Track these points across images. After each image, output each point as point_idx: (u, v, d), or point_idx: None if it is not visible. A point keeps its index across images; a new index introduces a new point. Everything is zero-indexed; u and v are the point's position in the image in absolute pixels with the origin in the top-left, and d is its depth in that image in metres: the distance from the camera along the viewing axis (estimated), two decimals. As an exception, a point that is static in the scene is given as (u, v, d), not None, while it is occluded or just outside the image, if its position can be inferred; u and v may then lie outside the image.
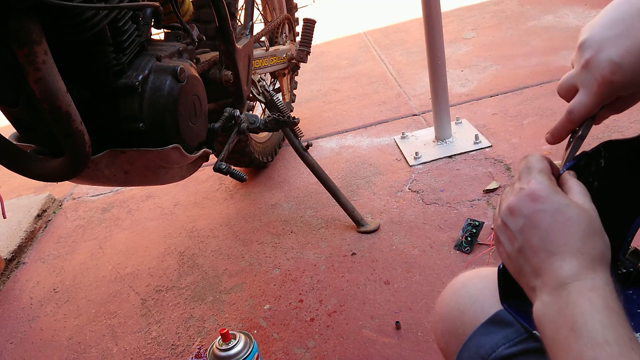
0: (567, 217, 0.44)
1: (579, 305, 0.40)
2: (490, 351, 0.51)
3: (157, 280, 1.57)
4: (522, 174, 0.49)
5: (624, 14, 0.46)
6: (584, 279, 0.41)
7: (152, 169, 1.09)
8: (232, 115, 1.32)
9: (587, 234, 0.44)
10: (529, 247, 0.45)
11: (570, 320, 0.40)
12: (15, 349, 1.45)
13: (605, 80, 0.47)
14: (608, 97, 0.49)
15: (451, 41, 2.70)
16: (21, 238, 1.89)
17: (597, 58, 0.47)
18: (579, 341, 0.38)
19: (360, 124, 2.17)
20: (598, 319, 0.39)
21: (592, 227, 0.44)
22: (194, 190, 2.01)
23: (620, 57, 0.46)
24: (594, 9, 2.62)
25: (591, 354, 0.37)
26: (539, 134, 1.77)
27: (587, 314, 0.39)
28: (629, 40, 0.45)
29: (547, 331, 0.42)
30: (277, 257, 1.54)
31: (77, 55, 0.94)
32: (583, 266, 0.42)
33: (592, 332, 0.38)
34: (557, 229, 0.44)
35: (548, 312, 0.42)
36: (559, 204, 0.45)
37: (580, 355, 0.38)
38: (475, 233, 1.37)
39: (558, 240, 0.44)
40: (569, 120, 0.52)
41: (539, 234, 0.45)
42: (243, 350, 1.03)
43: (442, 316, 0.61)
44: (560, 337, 0.40)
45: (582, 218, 0.44)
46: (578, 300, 0.40)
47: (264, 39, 1.87)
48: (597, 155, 0.51)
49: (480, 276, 0.60)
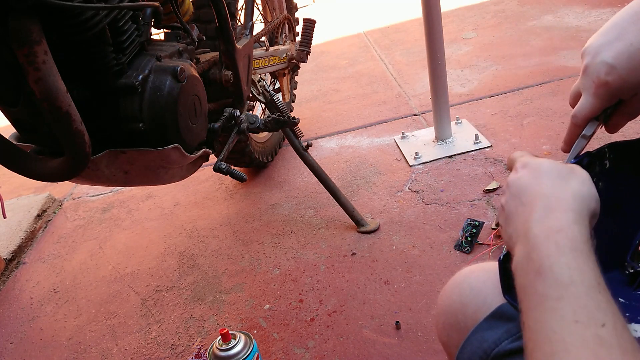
0: (539, 170, 0.46)
1: (545, 248, 0.39)
2: (494, 345, 0.51)
3: (157, 280, 1.57)
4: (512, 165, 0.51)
5: (619, 19, 0.50)
6: (548, 220, 0.41)
7: (152, 169, 1.09)
8: (232, 115, 1.32)
9: (559, 179, 0.44)
10: (511, 211, 0.47)
11: (537, 263, 0.39)
12: (15, 349, 1.45)
13: (601, 82, 0.50)
14: (607, 99, 0.51)
15: (451, 41, 2.70)
16: (21, 238, 1.89)
17: (594, 62, 0.50)
18: (544, 283, 0.38)
19: (360, 124, 2.17)
20: (564, 262, 0.38)
21: (566, 174, 0.44)
22: (194, 190, 2.01)
23: (614, 59, 0.49)
24: (594, 9, 2.62)
25: (555, 294, 0.37)
26: (538, 134, 1.77)
27: (553, 256, 0.39)
28: (621, 42, 0.48)
29: (518, 278, 0.41)
30: (277, 257, 1.54)
31: (77, 55, 0.94)
32: (550, 209, 0.42)
33: (558, 274, 0.37)
34: (530, 184, 0.45)
35: (519, 260, 0.42)
36: (534, 163, 0.47)
37: (545, 296, 0.37)
38: (475, 233, 1.37)
39: (529, 192, 0.45)
40: (574, 124, 0.54)
41: (516, 194, 0.46)
42: (243, 350, 1.03)
43: (444, 309, 0.61)
44: (527, 282, 0.40)
45: (555, 167, 0.45)
46: (544, 243, 0.40)
47: (264, 39, 1.87)
48: (601, 156, 0.52)
49: (483, 269, 0.60)
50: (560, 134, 1.72)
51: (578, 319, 0.35)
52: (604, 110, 0.52)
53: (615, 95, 0.51)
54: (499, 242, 1.35)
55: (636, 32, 0.49)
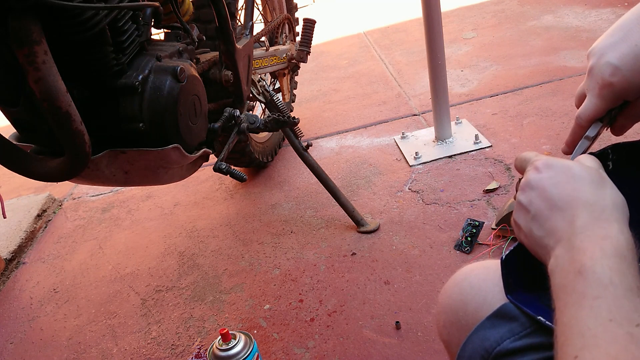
0: (571, 174, 0.45)
1: (589, 251, 0.40)
2: (495, 344, 0.51)
3: (157, 280, 1.57)
4: (524, 165, 0.51)
5: (624, 21, 0.50)
6: (595, 229, 0.42)
7: (152, 169, 1.09)
8: (232, 115, 1.32)
9: (594, 186, 0.44)
10: (540, 213, 0.46)
11: (579, 263, 0.40)
12: (15, 349, 1.45)
13: (605, 83, 0.50)
14: (612, 100, 0.51)
15: (451, 41, 2.70)
16: (21, 238, 1.89)
17: (598, 63, 0.50)
18: (584, 282, 0.38)
19: (360, 124, 2.17)
20: (607, 264, 0.38)
21: (599, 180, 0.45)
22: (194, 190, 2.01)
23: (618, 60, 0.49)
24: (594, 9, 2.62)
25: (594, 293, 0.37)
26: (539, 134, 1.77)
27: (597, 258, 0.39)
28: (626, 44, 0.49)
29: (556, 279, 0.42)
30: (277, 257, 1.54)
31: (77, 55, 0.94)
32: (594, 217, 0.42)
33: (599, 274, 0.38)
34: (563, 187, 0.45)
35: (560, 262, 0.42)
36: (561, 166, 0.47)
37: (583, 294, 0.38)
38: (475, 233, 1.37)
39: (565, 197, 0.45)
40: (578, 124, 0.54)
41: (547, 196, 0.46)
42: (243, 350, 1.03)
43: (445, 307, 0.61)
44: (567, 281, 0.40)
45: (587, 172, 0.45)
46: (589, 247, 0.40)
47: (264, 39, 1.87)
48: (604, 157, 0.52)
49: (484, 267, 0.60)
50: (560, 134, 1.72)
51: (613, 317, 0.36)
52: (608, 111, 0.52)
53: (620, 96, 0.51)
54: (499, 242, 1.35)
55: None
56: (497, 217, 1.38)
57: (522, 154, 0.52)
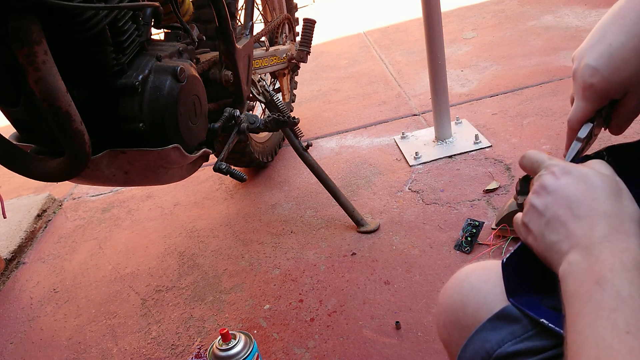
0: (591, 183, 0.45)
1: (609, 263, 0.40)
2: (496, 346, 0.51)
3: (157, 280, 1.57)
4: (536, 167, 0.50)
5: (600, 24, 0.52)
6: (615, 241, 0.41)
7: (152, 169, 1.09)
8: (232, 115, 1.32)
9: (614, 197, 0.44)
10: (556, 219, 0.46)
11: (598, 274, 0.40)
12: (15, 349, 1.45)
13: (586, 84, 0.51)
14: (596, 100, 0.52)
15: (451, 41, 2.70)
16: (21, 238, 1.89)
17: (579, 67, 0.52)
18: (603, 293, 0.38)
19: (360, 124, 2.17)
20: (627, 277, 0.38)
21: (617, 191, 0.45)
22: (194, 190, 2.01)
23: (595, 61, 0.50)
24: (594, 9, 2.62)
25: (612, 305, 0.37)
26: (538, 134, 1.77)
27: (617, 270, 0.39)
28: (602, 45, 0.50)
29: (569, 285, 0.42)
30: (277, 257, 1.54)
31: (77, 55, 0.94)
32: (614, 229, 0.42)
33: (618, 287, 0.38)
34: (583, 195, 0.45)
35: (575, 269, 0.42)
36: (580, 173, 0.46)
37: (600, 305, 0.38)
38: (475, 233, 1.37)
39: (585, 205, 0.44)
40: (569, 128, 0.55)
41: (565, 203, 0.45)
42: (243, 350, 1.03)
43: (445, 307, 0.61)
44: (583, 290, 0.40)
45: (606, 182, 0.45)
46: (609, 258, 0.40)
47: (264, 39, 1.87)
48: (599, 158, 0.52)
49: (484, 268, 0.60)
50: (560, 133, 1.72)
51: (630, 330, 0.36)
52: (597, 112, 0.53)
53: (603, 96, 0.51)
54: (499, 242, 1.35)
55: (615, 32, 0.50)
56: (497, 217, 1.38)
57: (530, 152, 0.52)
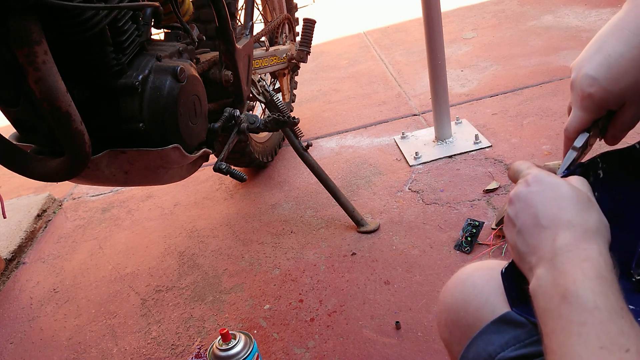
0: (558, 193, 0.46)
1: (571, 274, 0.40)
2: (500, 349, 0.51)
3: (157, 280, 1.57)
4: (517, 177, 0.51)
5: (599, 35, 0.52)
6: (576, 250, 0.42)
7: (152, 169, 1.09)
8: (232, 115, 1.32)
9: (579, 207, 0.45)
10: (525, 227, 0.47)
11: (563, 288, 0.40)
12: (15, 349, 1.45)
13: (585, 94, 0.51)
14: (593, 110, 0.52)
15: (451, 41, 2.70)
16: (21, 238, 1.89)
17: (578, 76, 0.52)
18: (570, 308, 0.39)
19: (360, 124, 2.17)
20: (589, 287, 0.39)
21: (585, 202, 0.45)
22: (194, 190, 2.01)
23: (594, 71, 0.50)
24: (594, 9, 2.62)
25: (580, 319, 0.38)
26: (538, 134, 1.77)
27: (579, 282, 0.39)
28: (600, 55, 0.50)
29: (540, 302, 0.42)
30: (277, 257, 1.54)
31: (77, 55, 0.94)
32: (576, 238, 0.43)
33: (583, 299, 0.38)
34: (549, 205, 0.46)
35: (542, 284, 0.43)
36: (550, 182, 0.47)
37: (570, 320, 0.38)
38: (475, 233, 1.37)
39: (550, 215, 0.45)
40: (566, 137, 0.56)
41: (532, 212, 0.46)
42: (243, 350, 1.03)
43: (447, 306, 0.61)
44: (552, 306, 0.40)
45: (573, 193, 0.45)
46: (571, 270, 0.41)
47: (264, 39, 1.87)
48: (594, 166, 0.52)
49: (486, 267, 0.60)
50: (560, 134, 1.72)
51: (603, 344, 0.36)
52: (594, 122, 0.53)
53: (601, 106, 0.52)
54: (499, 242, 1.35)
55: (613, 43, 0.50)
56: (497, 217, 1.38)
57: (515, 163, 0.52)
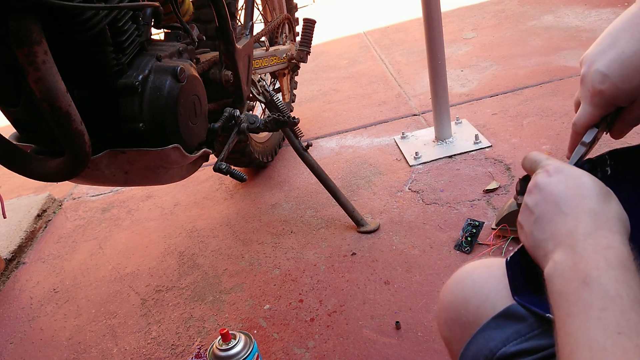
0: (582, 182, 0.45)
1: (594, 261, 0.40)
2: (501, 345, 0.51)
3: (157, 280, 1.57)
4: (534, 167, 0.51)
5: (612, 29, 0.51)
6: (599, 238, 0.42)
7: (152, 169, 1.09)
8: (232, 115, 1.32)
9: (601, 197, 0.44)
10: (544, 216, 0.46)
11: (583, 273, 0.40)
12: (15, 349, 1.45)
13: (595, 90, 0.51)
14: (603, 107, 0.52)
15: (451, 41, 2.70)
16: (21, 238, 1.89)
17: (589, 72, 0.52)
18: (591, 293, 0.38)
19: (360, 124, 2.17)
20: (612, 275, 0.39)
21: (606, 194, 0.45)
22: (194, 190, 2.01)
23: (607, 67, 0.50)
24: (594, 9, 2.62)
25: (601, 304, 0.37)
26: (538, 133, 1.77)
27: (602, 269, 0.39)
28: (613, 51, 0.50)
29: (555, 285, 0.42)
30: (277, 257, 1.54)
31: (77, 55, 0.94)
32: (598, 226, 0.42)
33: (605, 286, 0.38)
34: (572, 193, 0.45)
35: (560, 267, 0.42)
36: (572, 173, 0.47)
37: (590, 305, 0.38)
38: (475, 233, 1.37)
39: (572, 202, 0.45)
40: (574, 131, 0.55)
41: (554, 199, 0.46)
42: (243, 350, 1.03)
43: (446, 304, 0.61)
44: (570, 289, 0.40)
45: (595, 184, 0.45)
46: (593, 256, 0.40)
47: (264, 39, 1.87)
48: (602, 163, 0.52)
49: (486, 265, 0.60)
50: (560, 134, 1.72)
51: (621, 330, 0.35)
52: (603, 117, 0.53)
53: (611, 102, 0.51)
54: (499, 242, 1.35)
55: (627, 40, 0.49)
56: (497, 217, 1.38)
57: (532, 153, 0.52)
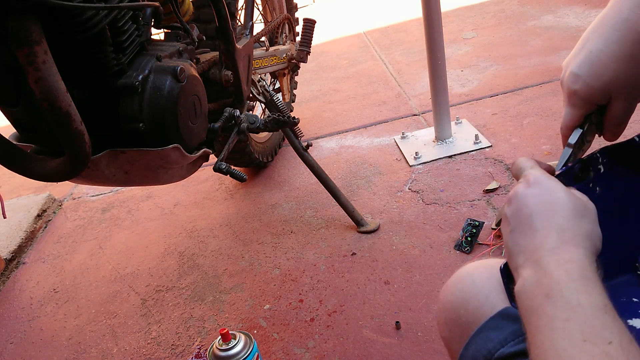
0: (555, 197, 0.46)
1: (556, 275, 0.41)
2: (499, 346, 0.51)
3: (157, 280, 1.57)
4: (519, 173, 0.52)
5: (585, 33, 0.54)
6: (562, 252, 0.42)
7: (152, 169, 1.09)
8: (232, 115, 1.32)
9: (572, 214, 0.45)
10: (518, 228, 0.47)
11: (547, 287, 0.41)
12: (15, 349, 1.45)
13: (570, 91, 0.53)
14: (581, 106, 0.53)
15: (451, 41, 2.70)
16: (21, 238, 1.89)
17: (565, 75, 0.54)
18: (554, 306, 0.39)
19: (360, 124, 2.17)
20: (574, 287, 0.40)
21: (580, 211, 0.45)
22: (194, 190, 2.01)
23: (578, 68, 0.52)
24: (594, 9, 2.62)
25: (564, 315, 0.38)
26: (538, 134, 1.77)
27: (563, 282, 0.40)
28: (583, 52, 0.52)
29: (523, 301, 0.43)
30: (277, 257, 1.54)
31: (77, 55, 0.94)
32: (563, 241, 0.43)
33: (567, 297, 0.39)
34: (544, 208, 0.46)
35: (527, 284, 0.43)
36: (549, 186, 0.47)
37: (554, 317, 0.39)
38: (475, 233, 1.37)
39: (543, 218, 0.45)
40: (562, 135, 0.57)
41: (527, 212, 0.46)
42: (243, 350, 1.03)
43: (446, 305, 0.61)
44: (535, 304, 0.41)
45: (570, 200, 0.45)
46: (555, 270, 0.41)
47: (264, 39, 1.87)
48: (594, 161, 0.52)
49: (486, 265, 0.60)
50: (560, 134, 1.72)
51: (586, 338, 0.36)
52: (586, 117, 0.54)
53: (588, 101, 0.52)
54: (499, 242, 1.35)
55: (595, 40, 0.51)
56: (497, 217, 1.38)
57: (519, 160, 0.53)
